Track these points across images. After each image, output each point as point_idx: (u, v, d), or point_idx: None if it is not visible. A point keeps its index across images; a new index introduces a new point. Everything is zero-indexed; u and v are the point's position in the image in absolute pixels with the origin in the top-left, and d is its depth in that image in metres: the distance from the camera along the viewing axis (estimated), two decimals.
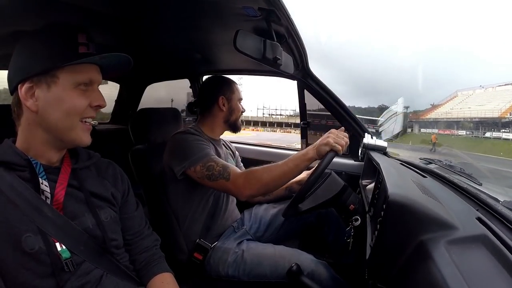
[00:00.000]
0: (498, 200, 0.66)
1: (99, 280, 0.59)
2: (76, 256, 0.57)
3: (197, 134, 1.05)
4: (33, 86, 0.56)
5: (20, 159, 0.57)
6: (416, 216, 0.50)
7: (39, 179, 0.56)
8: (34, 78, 0.56)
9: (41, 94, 0.56)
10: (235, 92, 1.17)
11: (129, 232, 0.71)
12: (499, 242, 0.45)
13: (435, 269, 0.40)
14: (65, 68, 0.56)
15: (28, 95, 0.56)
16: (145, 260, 0.71)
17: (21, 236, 0.52)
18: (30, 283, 0.52)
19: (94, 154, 0.70)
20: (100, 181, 0.67)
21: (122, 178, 0.73)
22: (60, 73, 0.56)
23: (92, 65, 0.60)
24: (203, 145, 1.01)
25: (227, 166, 0.95)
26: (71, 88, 0.57)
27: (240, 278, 0.96)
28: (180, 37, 1.05)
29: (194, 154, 0.97)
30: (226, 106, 1.15)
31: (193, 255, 1.01)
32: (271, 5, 0.71)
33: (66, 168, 0.62)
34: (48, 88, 0.56)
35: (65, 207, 0.59)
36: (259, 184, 0.91)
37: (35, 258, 0.53)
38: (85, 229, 0.60)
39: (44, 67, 0.55)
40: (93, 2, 0.75)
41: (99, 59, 0.59)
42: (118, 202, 0.69)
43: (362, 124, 1.39)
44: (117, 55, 0.60)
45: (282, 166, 0.90)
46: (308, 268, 0.90)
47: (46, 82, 0.56)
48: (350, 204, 0.99)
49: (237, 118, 1.19)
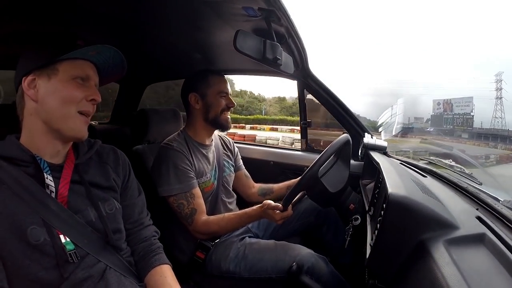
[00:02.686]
0: (498, 200, 0.66)
1: (102, 274, 0.60)
2: (79, 249, 0.59)
3: (182, 152, 1.02)
4: (35, 78, 0.60)
5: (25, 155, 0.59)
6: (416, 215, 0.50)
7: (44, 174, 0.58)
8: (36, 71, 0.60)
9: (42, 84, 0.60)
10: (212, 86, 1.08)
11: (129, 220, 0.72)
12: (499, 241, 0.45)
13: (435, 268, 0.40)
14: (64, 62, 0.61)
15: (31, 86, 0.60)
16: (143, 251, 0.72)
17: (27, 228, 0.54)
18: (35, 274, 0.53)
19: (95, 141, 0.73)
20: (102, 168, 0.70)
21: (123, 163, 0.76)
22: (60, 66, 0.61)
23: (89, 63, 0.65)
24: (182, 174, 0.99)
25: (195, 212, 0.98)
26: (69, 80, 0.61)
27: (241, 273, 0.96)
28: (180, 37, 1.05)
29: (170, 185, 0.98)
30: (200, 103, 1.08)
31: (195, 254, 1.01)
32: (271, 5, 0.71)
33: (69, 164, 0.64)
34: (48, 79, 0.60)
35: (69, 201, 0.61)
36: (214, 235, 1.03)
37: (40, 249, 0.54)
38: (88, 222, 0.62)
39: (46, 60, 0.60)
40: (93, 2, 0.75)
41: (95, 53, 0.64)
42: (119, 188, 0.72)
43: (362, 124, 1.39)
44: (109, 49, 0.65)
45: (237, 224, 1.00)
46: (308, 262, 0.91)
47: (47, 73, 0.60)
48: (350, 204, 0.99)
49: (217, 115, 1.08)
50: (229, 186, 1.22)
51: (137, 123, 1.28)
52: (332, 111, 1.41)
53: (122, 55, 0.68)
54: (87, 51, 0.62)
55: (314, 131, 1.64)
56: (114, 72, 0.71)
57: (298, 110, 1.58)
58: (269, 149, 1.75)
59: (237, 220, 0.98)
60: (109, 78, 0.72)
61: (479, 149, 9.62)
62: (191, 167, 1.03)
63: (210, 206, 1.10)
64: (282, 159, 1.64)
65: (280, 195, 1.26)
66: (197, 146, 1.11)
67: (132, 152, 1.20)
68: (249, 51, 0.74)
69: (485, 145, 11.23)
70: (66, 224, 0.58)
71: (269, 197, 1.27)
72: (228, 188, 1.21)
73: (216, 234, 1.01)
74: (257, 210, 0.95)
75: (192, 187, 1.00)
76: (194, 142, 1.11)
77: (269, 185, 1.32)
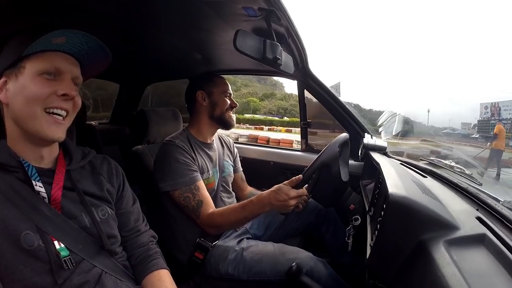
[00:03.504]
0: (498, 200, 0.66)
1: (98, 279, 0.59)
2: (74, 255, 0.57)
3: (183, 148, 1.03)
4: (6, 80, 0.57)
5: (13, 160, 0.57)
6: (416, 215, 0.50)
7: (32, 181, 0.57)
8: (7, 71, 0.57)
9: (11, 85, 0.57)
10: (217, 86, 1.14)
11: (124, 228, 0.71)
12: (499, 242, 0.45)
13: (435, 269, 0.40)
14: (30, 58, 0.56)
15: (3, 89, 0.57)
16: (140, 256, 0.71)
17: (20, 233, 0.53)
18: (29, 279, 0.53)
19: (89, 151, 0.71)
20: (95, 179, 0.68)
21: (117, 173, 0.73)
22: (26, 63, 0.56)
23: (61, 53, 0.59)
24: (186, 167, 1.00)
25: (201, 204, 0.98)
26: (35, 76, 0.56)
27: (240, 276, 0.96)
28: (180, 37, 1.05)
29: (174, 179, 0.98)
30: (206, 100, 1.12)
31: (194, 255, 1.01)
32: (271, 5, 0.71)
33: (61, 168, 0.62)
34: (16, 79, 0.57)
35: (63, 207, 0.59)
36: (220, 228, 1.00)
37: (34, 255, 0.53)
38: (83, 228, 0.61)
39: (12, 59, 0.57)
40: (93, 2, 0.75)
41: (61, 41, 0.57)
42: (114, 198, 0.70)
43: (362, 124, 1.39)
44: (76, 33, 0.57)
45: (241, 215, 0.95)
46: (307, 265, 0.90)
47: (15, 73, 0.57)
48: (350, 204, 0.99)
49: (223, 112, 1.12)
50: (229, 186, 1.23)
51: (137, 123, 1.28)
52: (332, 111, 1.41)
53: (98, 40, 0.60)
54: (49, 38, 0.55)
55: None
56: (96, 60, 0.64)
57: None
58: (269, 149, 1.76)
59: (239, 209, 0.95)
60: (94, 68, 0.66)
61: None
62: (194, 162, 1.04)
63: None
64: (282, 159, 1.64)
65: None
66: (199, 145, 1.11)
67: (132, 152, 1.20)
68: (249, 51, 0.74)
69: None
70: (60, 229, 0.57)
71: None
72: (228, 188, 1.22)
73: (222, 226, 0.99)
74: (266, 193, 0.92)
75: (196, 180, 1.00)
76: (197, 140, 1.12)
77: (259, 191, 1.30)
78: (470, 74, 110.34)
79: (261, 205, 0.93)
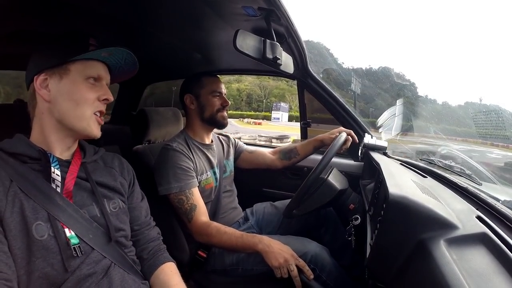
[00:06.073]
0: (498, 200, 0.66)
1: (106, 271, 0.61)
2: (84, 244, 0.59)
3: (181, 151, 1.03)
4: (47, 78, 0.61)
5: (33, 150, 0.60)
6: (416, 215, 0.50)
7: (51, 167, 0.60)
8: (48, 70, 0.61)
9: (54, 84, 0.61)
10: (205, 86, 1.11)
11: (136, 222, 0.74)
12: (499, 241, 0.45)
13: (435, 268, 0.40)
14: (76, 62, 0.62)
15: (43, 86, 0.61)
16: (153, 249, 0.75)
17: (32, 224, 0.54)
18: (41, 271, 0.54)
19: (99, 149, 0.74)
20: (108, 171, 0.71)
21: (128, 168, 0.77)
22: (72, 66, 0.62)
23: (101, 63, 0.66)
24: (182, 172, 1.00)
25: (194, 208, 0.98)
26: (81, 80, 0.62)
27: (244, 266, 0.96)
28: (180, 37, 1.05)
29: (169, 183, 0.98)
30: (194, 103, 1.12)
31: (197, 253, 1.01)
32: (271, 5, 0.71)
33: (76, 161, 0.66)
34: (60, 79, 0.61)
35: (74, 196, 0.62)
36: (209, 240, 0.96)
37: (45, 245, 0.54)
38: (93, 217, 0.63)
39: (59, 60, 0.61)
40: (93, 2, 0.75)
41: (107, 54, 0.65)
42: (126, 191, 0.73)
43: (362, 124, 1.39)
44: (122, 51, 0.66)
45: (235, 240, 0.92)
46: (312, 251, 0.93)
47: (59, 73, 0.61)
48: (350, 204, 0.99)
49: (213, 113, 1.11)
50: (230, 185, 1.23)
51: (137, 123, 1.29)
52: (332, 111, 1.41)
53: (134, 57, 0.69)
54: (100, 52, 0.63)
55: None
56: (125, 71, 0.73)
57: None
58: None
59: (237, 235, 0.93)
60: (121, 76, 0.74)
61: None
62: (192, 166, 1.04)
63: (212, 203, 1.11)
64: None
65: (307, 154, 1.26)
66: (197, 145, 1.12)
67: (133, 152, 1.20)
68: (248, 50, 0.75)
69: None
70: (72, 218, 0.59)
71: (295, 160, 1.27)
72: (229, 187, 1.22)
73: (212, 239, 0.95)
74: (273, 240, 0.89)
75: (192, 186, 1.00)
76: (194, 141, 1.12)
77: (291, 145, 1.30)
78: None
79: (255, 242, 0.89)
